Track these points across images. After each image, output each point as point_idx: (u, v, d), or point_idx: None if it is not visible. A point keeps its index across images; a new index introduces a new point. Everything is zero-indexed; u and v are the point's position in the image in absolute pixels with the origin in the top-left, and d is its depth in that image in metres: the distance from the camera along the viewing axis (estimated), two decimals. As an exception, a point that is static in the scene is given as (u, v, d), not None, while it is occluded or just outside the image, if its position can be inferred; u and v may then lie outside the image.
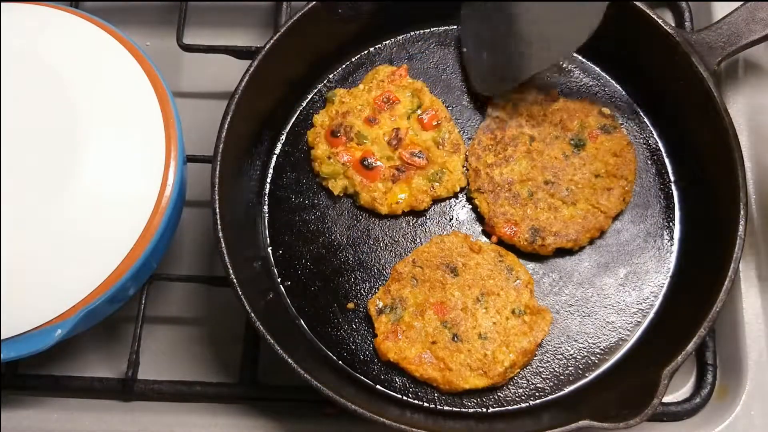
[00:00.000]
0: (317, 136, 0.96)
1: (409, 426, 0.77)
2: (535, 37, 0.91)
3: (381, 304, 0.89)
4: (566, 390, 0.87)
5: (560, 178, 0.92)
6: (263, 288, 0.91)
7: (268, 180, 0.97)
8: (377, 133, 0.94)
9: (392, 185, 0.93)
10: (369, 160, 0.93)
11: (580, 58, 1.00)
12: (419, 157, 0.93)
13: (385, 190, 0.93)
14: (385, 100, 0.95)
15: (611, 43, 0.96)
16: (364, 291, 0.91)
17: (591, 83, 0.99)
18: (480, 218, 0.94)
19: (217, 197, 0.85)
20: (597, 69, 1.00)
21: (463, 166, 0.94)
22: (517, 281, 0.88)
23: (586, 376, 0.88)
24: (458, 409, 0.86)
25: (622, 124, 0.97)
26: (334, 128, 0.95)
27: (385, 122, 0.95)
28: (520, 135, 0.94)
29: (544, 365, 0.88)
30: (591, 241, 0.92)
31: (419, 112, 0.95)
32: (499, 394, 0.87)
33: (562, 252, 0.92)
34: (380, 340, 0.87)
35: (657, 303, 0.90)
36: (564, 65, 1.00)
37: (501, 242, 0.92)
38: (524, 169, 0.93)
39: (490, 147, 0.94)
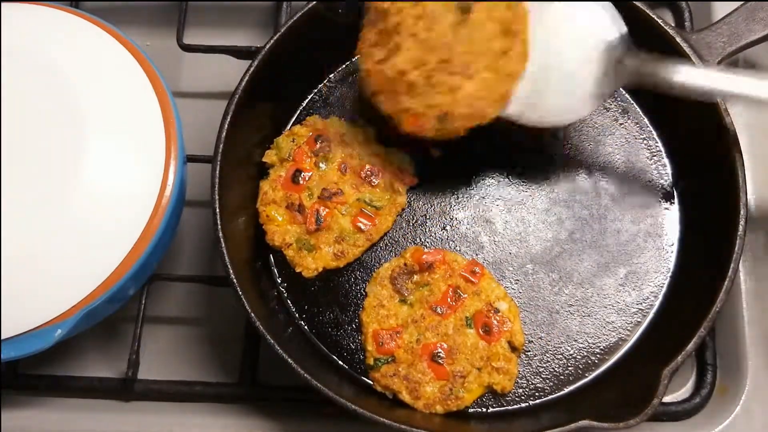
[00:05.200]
0: (312, 125, 0.95)
1: (408, 426, 0.77)
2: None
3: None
4: (566, 390, 0.87)
5: (454, 52, 0.81)
6: (263, 288, 0.91)
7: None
8: (332, 177, 0.92)
9: (285, 210, 0.91)
10: (300, 176, 0.92)
11: (580, 58, 1.00)
12: (317, 222, 0.90)
13: (278, 202, 0.91)
14: (368, 173, 0.92)
15: (611, 43, 0.96)
16: (363, 291, 0.91)
17: (591, 83, 0.99)
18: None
19: (217, 197, 0.85)
20: (597, 69, 1.00)
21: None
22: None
23: (586, 376, 0.88)
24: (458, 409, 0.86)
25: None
26: (322, 134, 0.94)
27: (345, 181, 0.92)
28: (404, 18, 0.82)
29: (544, 365, 0.88)
30: (591, 242, 0.92)
31: (368, 208, 0.91)
32: (499, 394, 0.87)
33: (562, 252, 0.92)
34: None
35: (657, 303, 0.90)
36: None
37: (416, 140, 0.87)
38: (414, 54, 0.82)
39: (377, 42, 0.84)
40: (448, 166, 0.96)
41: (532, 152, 0.96)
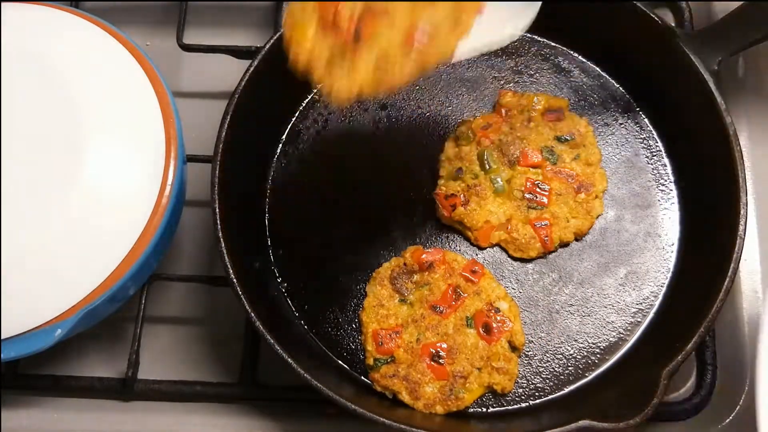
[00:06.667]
0: None
1: (408, 426, 0.77)
2: None
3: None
4: (566, 390, 0.87)
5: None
6: (263, 288, 0.91)
7: (269, 180, 0.97)
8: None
9: (317, 26, 0.70)
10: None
11: (579, 57, 1.00)
12: (355, 35, 0.68)
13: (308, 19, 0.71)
14: None
15: (611, 43, 0.96)
16: (363, 291, 0.91)
17: (591, 83, 1.00)
18: None
19: (217, 197, 0.85)
20: (597, 69, 1.00)
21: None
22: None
23: (586, 376, 0.88)
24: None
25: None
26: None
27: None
28: None
29: (544, 365, 0.88)
30: (591, 242, 0.92)
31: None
32: (499, 394, 0.87)
33: (562, 251, 0.92)
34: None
35: (657, 303, 0.90)
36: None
37: None
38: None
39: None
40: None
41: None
